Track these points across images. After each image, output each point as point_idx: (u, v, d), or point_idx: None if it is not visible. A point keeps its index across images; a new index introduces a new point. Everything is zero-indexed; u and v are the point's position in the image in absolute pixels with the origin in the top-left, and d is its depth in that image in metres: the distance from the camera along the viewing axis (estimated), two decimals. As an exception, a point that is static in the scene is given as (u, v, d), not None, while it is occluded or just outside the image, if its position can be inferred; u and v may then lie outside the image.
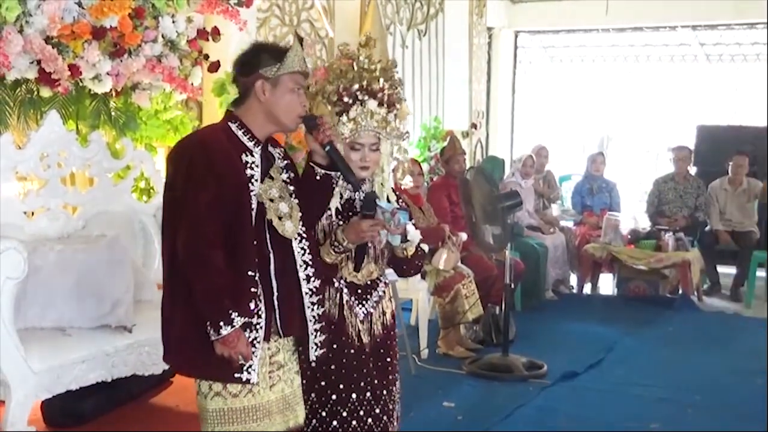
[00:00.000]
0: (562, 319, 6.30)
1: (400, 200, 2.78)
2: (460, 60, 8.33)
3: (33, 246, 3.28)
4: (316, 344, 2.49)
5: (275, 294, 2.38)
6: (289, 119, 2.41)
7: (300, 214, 2.44)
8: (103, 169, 3.83)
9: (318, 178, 2.48)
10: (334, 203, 2.63)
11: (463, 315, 5.19)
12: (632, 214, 7.93)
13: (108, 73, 3.67)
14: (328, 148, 2.45)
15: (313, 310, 2.46)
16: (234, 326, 2.24)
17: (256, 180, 2.35)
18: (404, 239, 2.61)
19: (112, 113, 3.96)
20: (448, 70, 8.15)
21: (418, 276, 5.16)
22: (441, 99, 8.09)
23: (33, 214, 3.63)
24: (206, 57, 4.23)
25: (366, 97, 2.60)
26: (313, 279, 2.46)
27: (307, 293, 2.44)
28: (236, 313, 2.24)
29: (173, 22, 3.95)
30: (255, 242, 2.33)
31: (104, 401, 3.63)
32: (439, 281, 5.22)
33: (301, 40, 2.51)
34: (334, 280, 2.62)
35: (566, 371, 4.80)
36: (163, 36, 3.91)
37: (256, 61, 2.38)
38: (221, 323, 2.22)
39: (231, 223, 2.28)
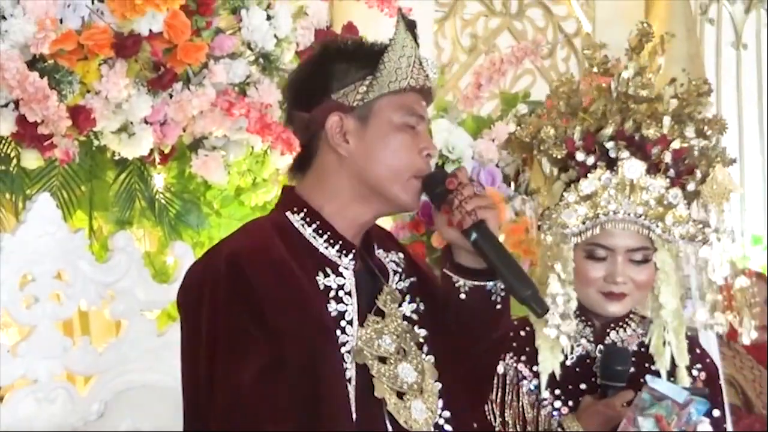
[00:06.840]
0: None
1: (699, 373, 2.83)
2: None
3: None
4: None
5: None
6: (400, 182, 2.45)
7: (440, 384, 2.50)
8: (137, 304, 3.84)
9: (463, 296, 2.52)
10: (550, 364, 2.75)
11: None
12: None
13: (147, 121, 3.72)
14: (474, 235, 2.45)
15: None
16: None
17: (350, 322, 2.45)
18: None
19: (157, 197, 4.03)
20: None
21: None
22: None
23: (6, 390, 3.62)
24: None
25: (625, 154, 2.64)
26: None
27: None
28: None
29: (268, 18, 3.95)
30: None
31: None
32: None
33: (412, 24, 2.51)
34: None
35: None
36: (249, 46, 3.94)
37: (323, 78, 2.48)
38: None
39: (306, 416, 2.33)
